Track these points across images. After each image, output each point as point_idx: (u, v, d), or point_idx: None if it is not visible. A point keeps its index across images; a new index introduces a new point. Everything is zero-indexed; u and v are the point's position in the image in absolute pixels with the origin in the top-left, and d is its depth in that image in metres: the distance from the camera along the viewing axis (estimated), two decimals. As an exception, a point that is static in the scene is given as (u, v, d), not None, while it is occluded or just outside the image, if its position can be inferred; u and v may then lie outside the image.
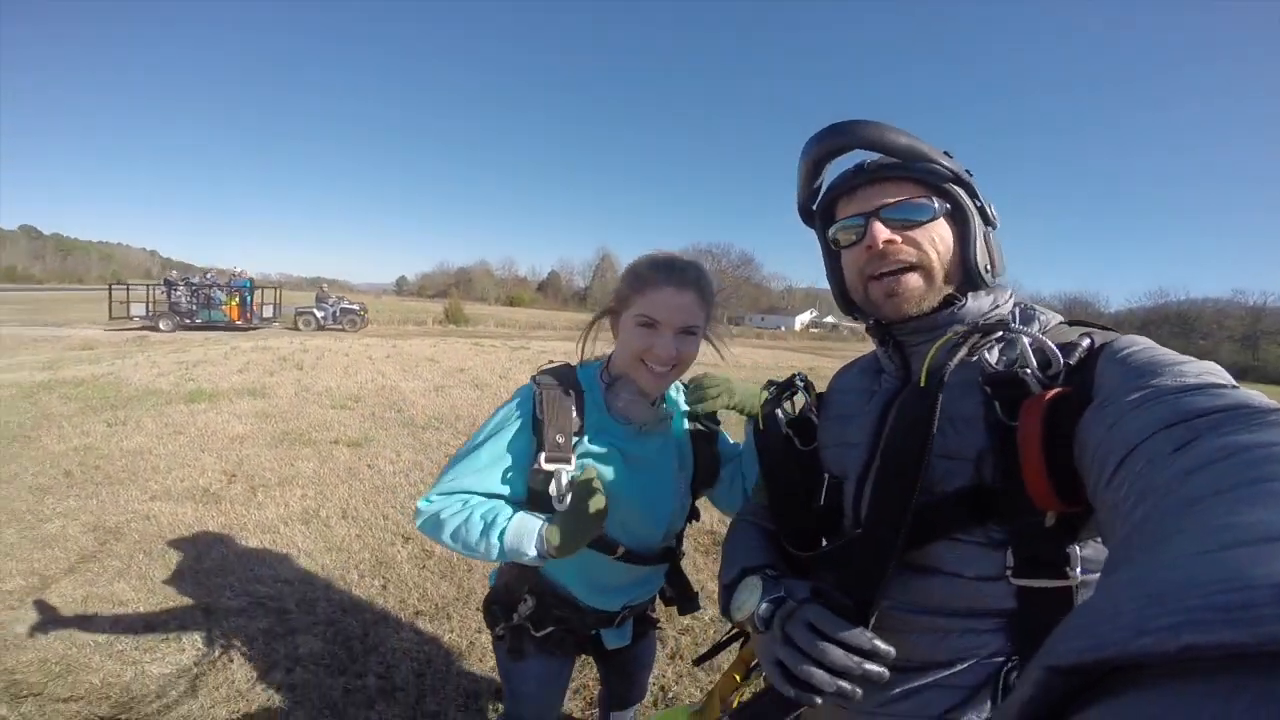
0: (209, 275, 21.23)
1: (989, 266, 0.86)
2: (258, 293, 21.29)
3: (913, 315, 0.86)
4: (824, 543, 0.91)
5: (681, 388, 1.36)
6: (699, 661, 1.29)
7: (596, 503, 1.09)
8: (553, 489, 1.12)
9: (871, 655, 0.69)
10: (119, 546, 3.39)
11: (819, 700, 0.71)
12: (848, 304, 0.97)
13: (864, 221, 0.85)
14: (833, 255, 0.96)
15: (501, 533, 1.09)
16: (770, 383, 1.12)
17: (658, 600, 1.44)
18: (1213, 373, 0.60)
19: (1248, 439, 0.42)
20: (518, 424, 1.17)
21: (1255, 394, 0.53)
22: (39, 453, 4.93)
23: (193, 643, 2.55)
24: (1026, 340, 0.72)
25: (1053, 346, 0.70)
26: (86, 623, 2.66)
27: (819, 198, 0.94)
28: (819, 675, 0.69)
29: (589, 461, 1.17)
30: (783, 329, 75.23)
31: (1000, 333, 0.76)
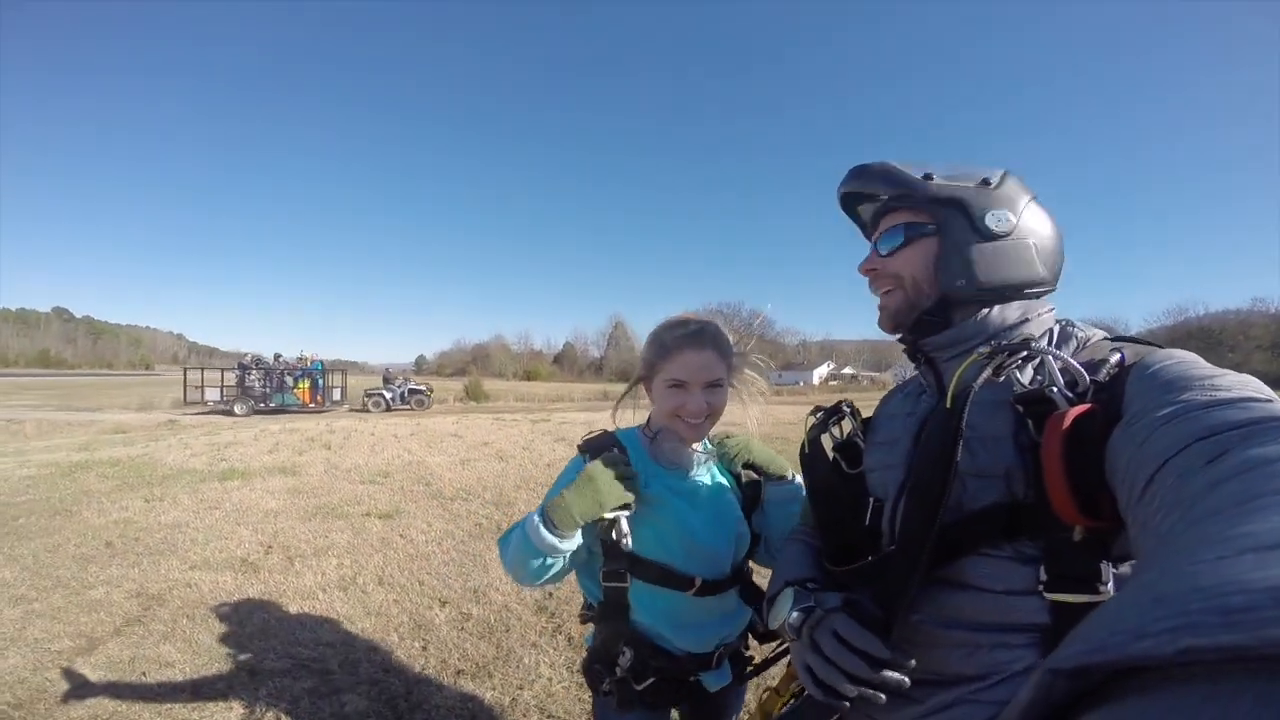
0: (281, 359, 21.80)
1: (965, 281, 0.88)
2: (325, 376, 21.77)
3: (888, 330, 0.98)
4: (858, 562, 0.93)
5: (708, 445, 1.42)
6: (746, 677, 1.30)
7: (598, 474, 1.15)
8: (614, 534, 1.20)
9: (890, 664, 0.73)
10: (163, 612, 3.41)
11: (846, 704, 0.77)
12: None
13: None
14: None
15: (523, 526, 1.17)
16: (817, 408, 1.15)
17: (749, 639, 1.42)
18: (1248, 386, 0.60)
19: (1276, 450, 0.42)
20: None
21: None
22: (80, 525, 5.02)
23: (240, 702, 2.54)
24: (1052, 360, 0.74)
25: (1077, 365, 0.73)
26: (135, 682, 2.67)
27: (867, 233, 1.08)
28: (842, 683, 0.75)
29: (649, 505, 1.24)
30: (801, 384, 74.01)
31: (1025, 352, 0.78)
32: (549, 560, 1.16)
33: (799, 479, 1.28)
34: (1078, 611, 0.68)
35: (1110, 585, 0.67)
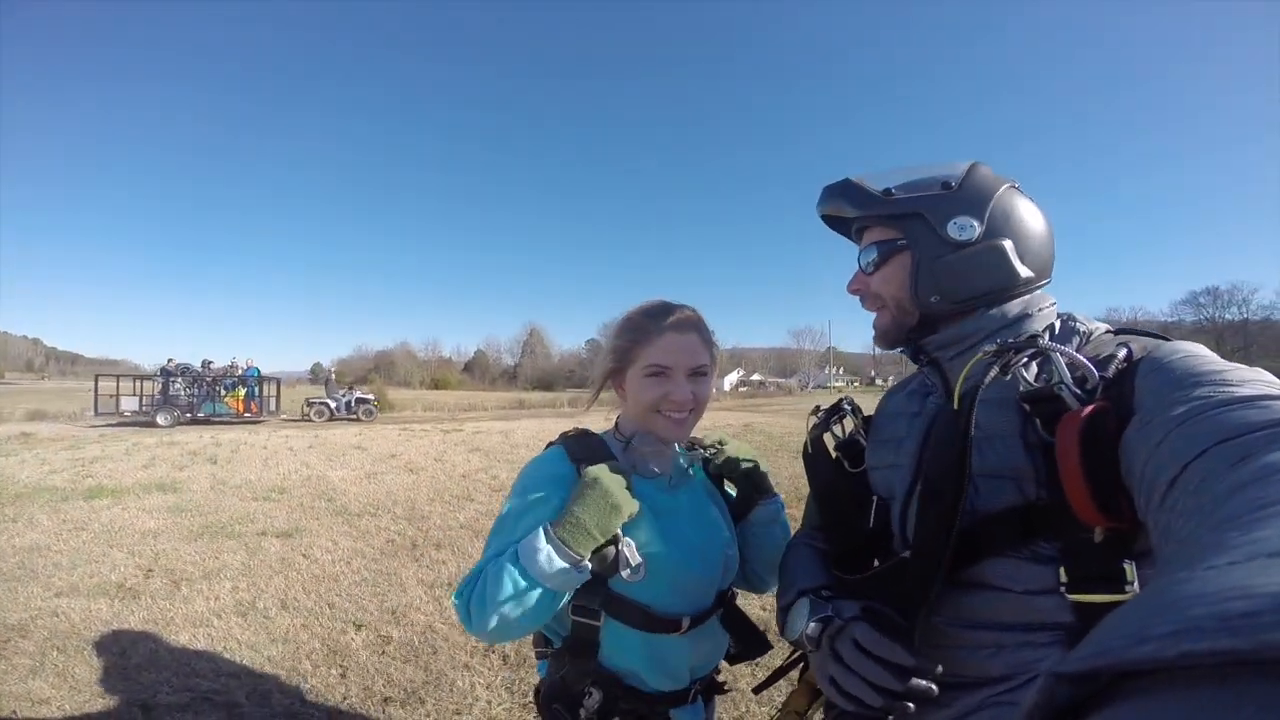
0: (210, 365, 19.24)
1: (939, 296, 0.88)
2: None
3: (885, 348, 0.99)
4: (875, 564, 0.91)
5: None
6: (759, 689, 1.21)
7: (613, 481, 0.99)
8: (616, 559, 1.02)
9: (916, 672, 0.72)
10: (26, 644, 2.99)
11: (876, 716, 0.75)
12: None
13: None
14: None
15: (515, 557, 0.96)
16: (817, 407, 1.12)
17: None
18: (1260, 380, 0.59)
19: None
20: (559, 496, 1.05)
21: None
22: (-87, 552, 4.32)
23: (131, 742, 2.25)
24: (1060, 356, 0.72)
25: (1086, 362, 0.71)
26: (-1, 725, 2.30)
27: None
28: (868, 693, 0.73)
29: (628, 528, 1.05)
30: (713, 390, 76.05)
31: (1033, 348, 0.75)
32: (559, 595, 0.97)
33: (780, 497, 1.26)
34: (1102, 611, 0.65)
35: (1136, 585, 0.65)
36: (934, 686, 0.72)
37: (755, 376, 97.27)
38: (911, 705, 0.73)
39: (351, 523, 5.83)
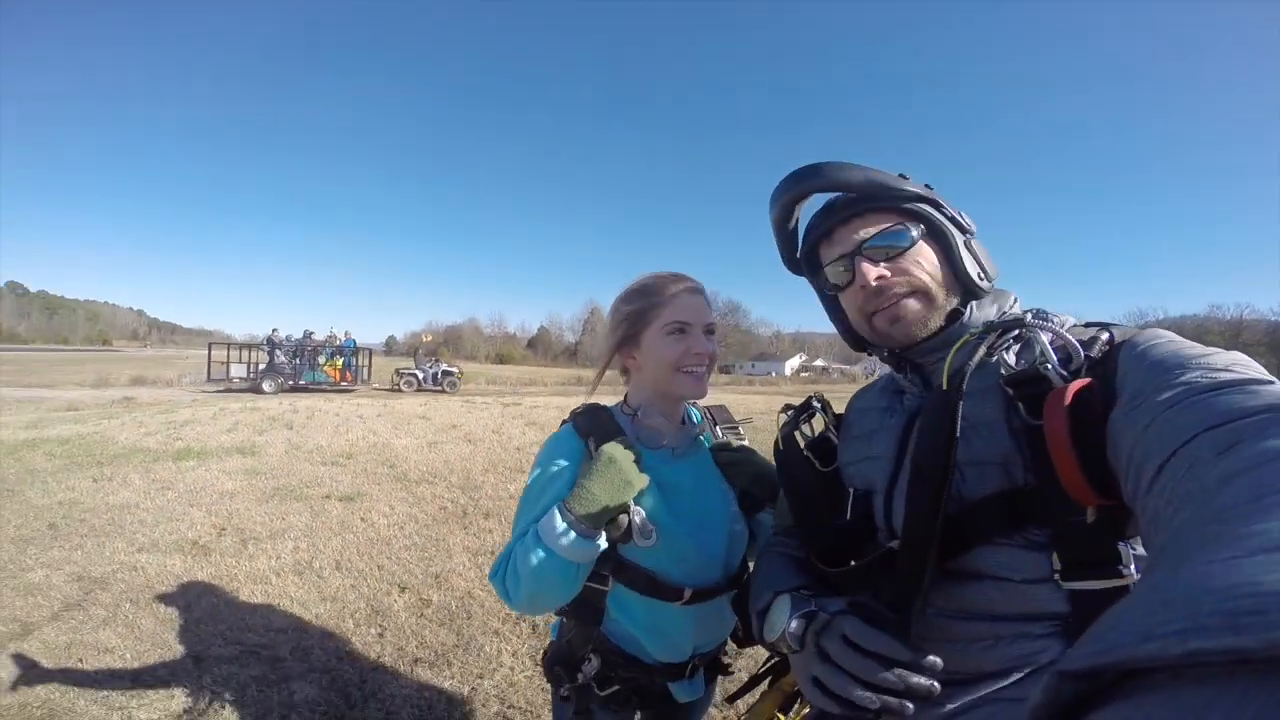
0: (311, 336, 21.04)
1: (981, 274, 0.86)
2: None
3: (921, 337, 0.87)
4: (853, 563, 0.87)
5: (700, 413, 1.36)
6: (732, 698, 1.22)
7: (622, 457, 1.03)
8: (629, 530, 1.06)
9: (914, 668, 0.65)
10: (104, 596, 3.27)
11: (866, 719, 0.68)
12: (857, 341, 0.97)
13: (851, 263, 0.87)
14: (829, 299, 0.98)
15: (536, 536, 1.02)
16: (787, 406, 1.10)
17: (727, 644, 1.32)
18: (1243, 364, 0.59)
19: None
20: (570, 471, 1.11)
21: None
22: (22, 506, 4.80)
23: (183, 690, 2.44)
24: (1045, 336, 0.72)
25: (1073, 340, 0.71)
26: (71, 669, 2.55)
27: (800, 246, 0.97)
28: (859, 692, 0.66)
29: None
30: (774, 374, 74.64)
31: (1017, 330, 0.76)
32: (582, 568, 1.03)
33: None
34: (1098, 598, 0.66)
35: (1133, 568, 0.64)
36: (936, 684, 0.65)
37: (819, 362, 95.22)
38: (910, 706, 0.65)
39: (409, 489, 6.09)
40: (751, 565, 1.22)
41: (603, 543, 1.03)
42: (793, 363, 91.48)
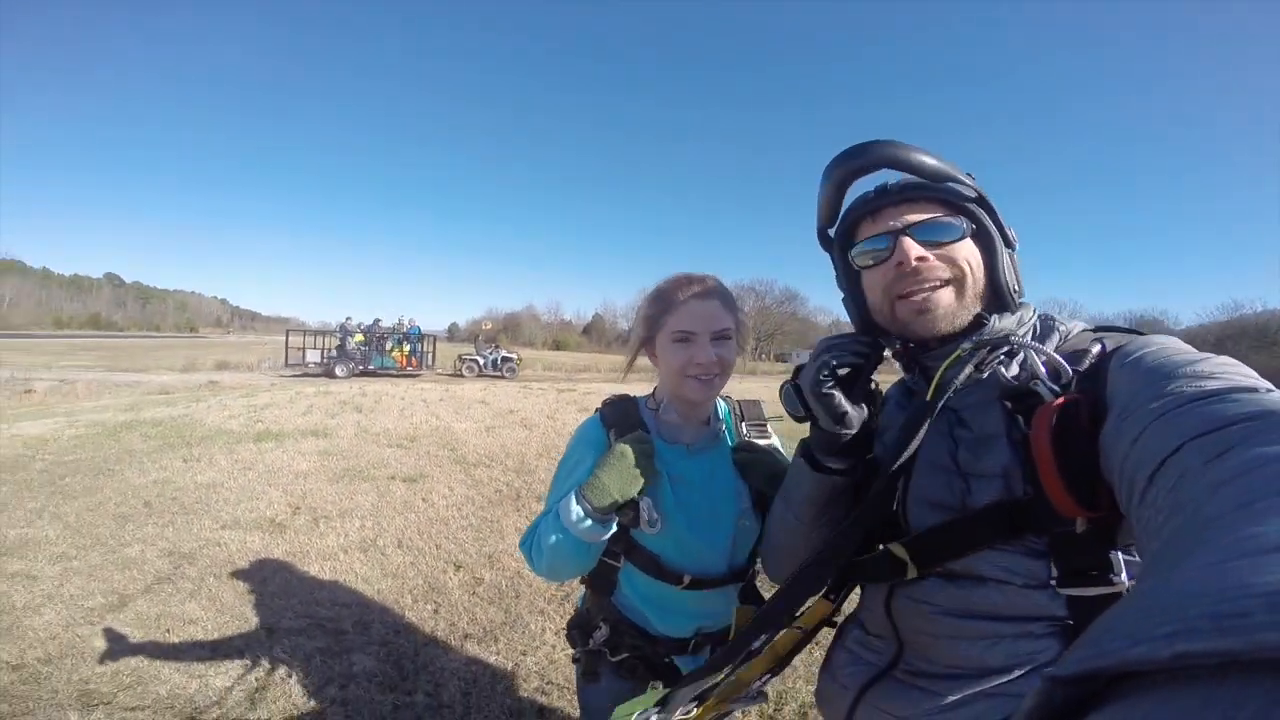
0: (378, 322, 22.40)
1: (1016, 288, 0.85)
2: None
3: (943, 333, 0.83)
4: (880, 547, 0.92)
5: (730, 408, 1.38)
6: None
7: (633, 453, 1.11)
8: (639, 516, 1.15)
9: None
10: (191, 570, 3.58)
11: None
12: (868, 326, 0.93)
13: (890, 241, 0.83)
14: (852, 278, 0.93)
15: (556, 515, 1.13)
16: None
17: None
18: (1231, 370, 0.59)
19: (1278, 450, 0.41)
20: (591, 458, 1.20)
21: None
22: (121, 484, 5.26)
23: (255, 658, 2.66)
24: (1034, 353, 0.74)
25: (1058, 357, 0.72)
26: (158, 639, 2.82)
27: (839, 221, 0.92)
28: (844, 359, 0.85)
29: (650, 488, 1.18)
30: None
31: (1007, 347, 0.78)
32: (593, 546, 1.14)
33: None
34: (1094, 603, 0.69)
35: (1125, 575, 0.67)
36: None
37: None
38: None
39: (468, 471, 6.34)
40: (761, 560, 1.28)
41: (612, 527, 1.13)
42: None
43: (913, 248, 0.81)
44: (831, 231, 0.93)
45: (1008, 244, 0.86)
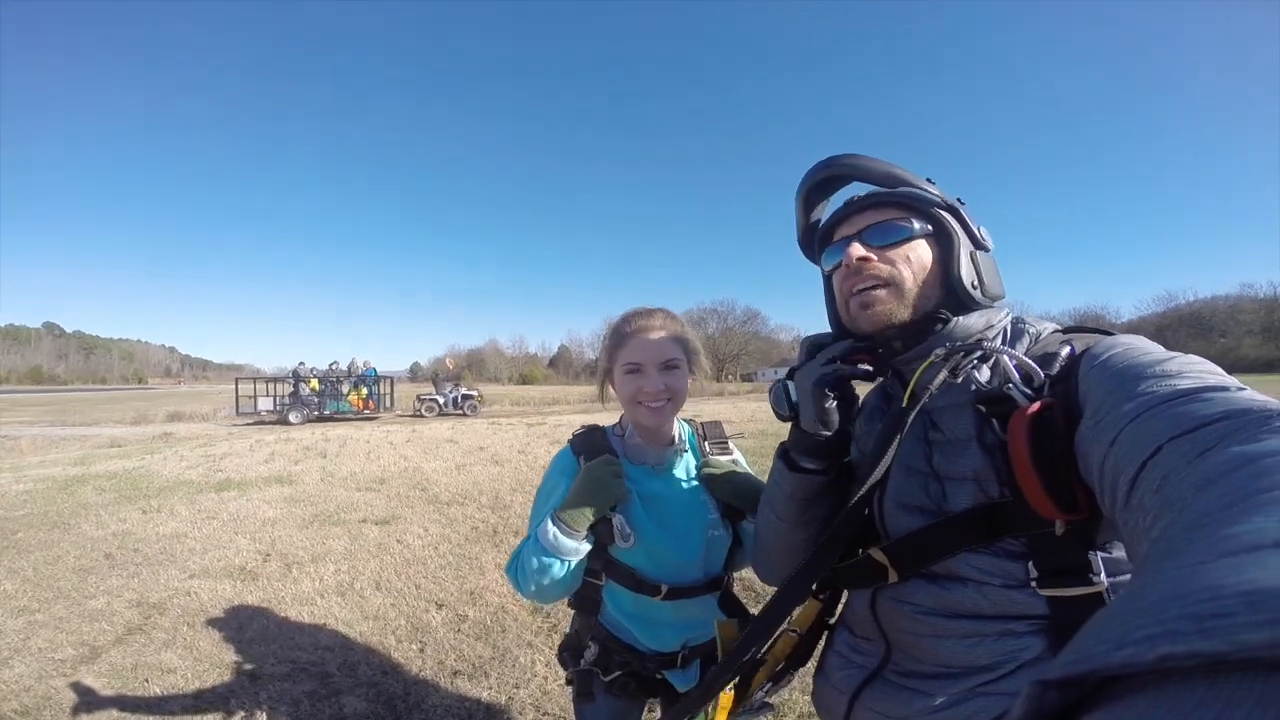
0: (334, 366, 21.84)
1: (976, 284, 0.86)
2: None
3: (882, 327, 0.88)
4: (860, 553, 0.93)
5: (694, 430, 1.46)
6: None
7: (600, 474, 1.20)
8: (614, 533, 1.23)
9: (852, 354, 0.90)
10: (163, 620, 3.47)
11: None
12: (840, 328, 0.97)
13: (846, 245, 0.90)
14: (827, 282, 0.99)
15: (535, 538, 1.19)
16: None
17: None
18: (1198, 368, 0.61)
19: (1257, 448, 0.41)
20: (565, 483, 1.28)
21: (1254, 395, 0.53)
22: (79, 538, 5.06)
23: (241, 705, 2.60)
24: (1006, 357, 0.75)
25: (1029, 361, 0.74)
26: (137, 689, 2.73)
27: (819, 230, 0.99)
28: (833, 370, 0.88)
29: (621, 507, 1.26)
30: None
31: (980, 351, 0.79)
32: (572, 564, 1.20)
33: None
34: (1075, 602, 0.70)
35: (1103, 575, 0.68)
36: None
37: None
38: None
39: (441, 510, 6.26)
40: (739, 568, 1.38)
41: (587, 544, 1.20)
42: None
43: (856, 249, 0.87)
44: (815, 239, 1.00)
45: (978, 245, 0.88)
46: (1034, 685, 0.24)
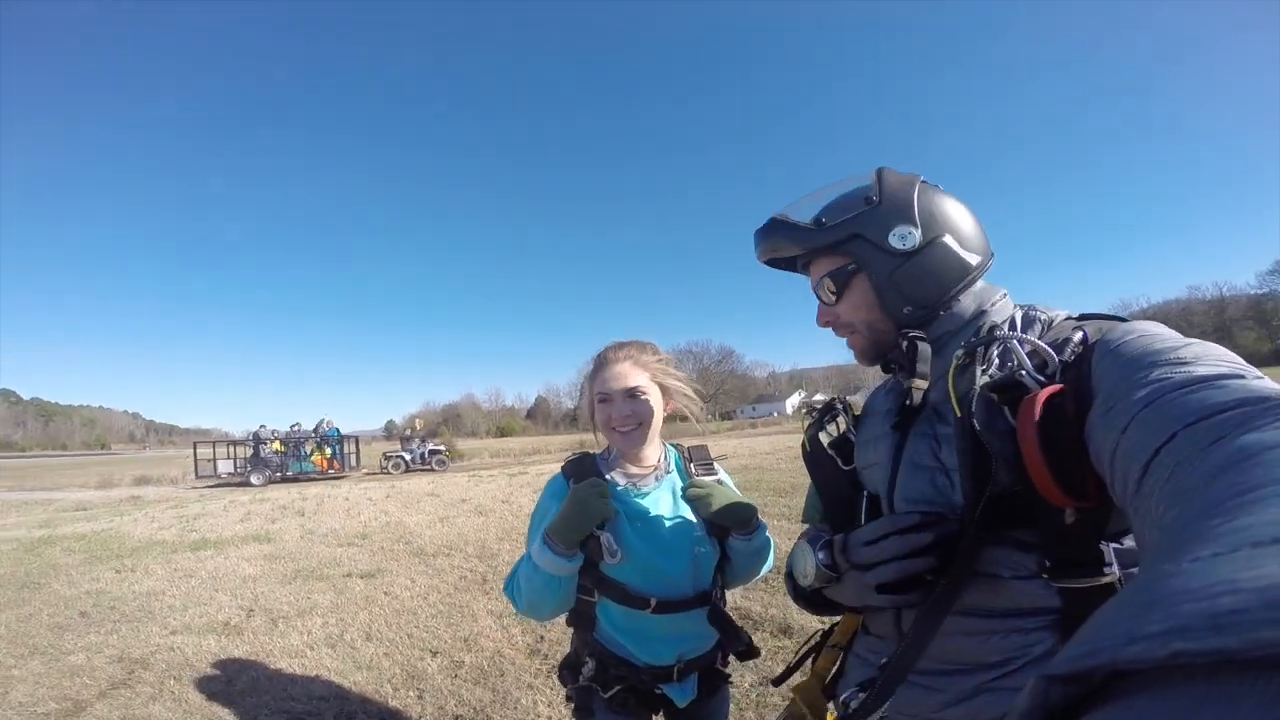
0: (295, 427, 21.44)
1: (909, 308, 0.88)
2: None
3: (875, 359, 0.94)
4: None
5: (680, 453, 1.52)
6: (777, 682, 1.24)
7: (586, 495, 1.25)
8: (603, 550, 1.28)
9: (930, 521, 0.77)
10: (148, 675, 3.36)
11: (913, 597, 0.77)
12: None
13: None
14: None
15: (529, 557, 1.27)
16: (810, 408, 1.16)
17: (730, 656, 1.46)
18: (1214, 355, 0.60)
19: (1274, 435, 0.40)
20: (556, 506, 1.33)
21: (1270, 383, 0.52)
22: (51, 596, 4.89)
23: (237, 754, 2.52)
24: (1017, 343, 0.74)
25: (1045, 346, 0.72)
26: (127, 743, 2.62)
27: None
28: (910, 564, 0.76)
29: (610, 525, 1.32)
30: (775, 414, 75.21)
31: (997, 341, 0.77)
32: (563, 580, 1.25)
33: (765, 528, 1.37)
34: (1087, 594, 0.68)
35: (1115, 566, 0.67)
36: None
37: (819, 396, 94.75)
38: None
39: (427, 562, 6.14)
40: (724, 582, 1.42)
41: (577, 561, 1.25)
42: (793, 401, 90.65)
43: (819, 314, 0.96)
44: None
45: (904, 257, 0.87)
46: (1039, 680, 0.24)
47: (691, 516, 1.37)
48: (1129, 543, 0.68)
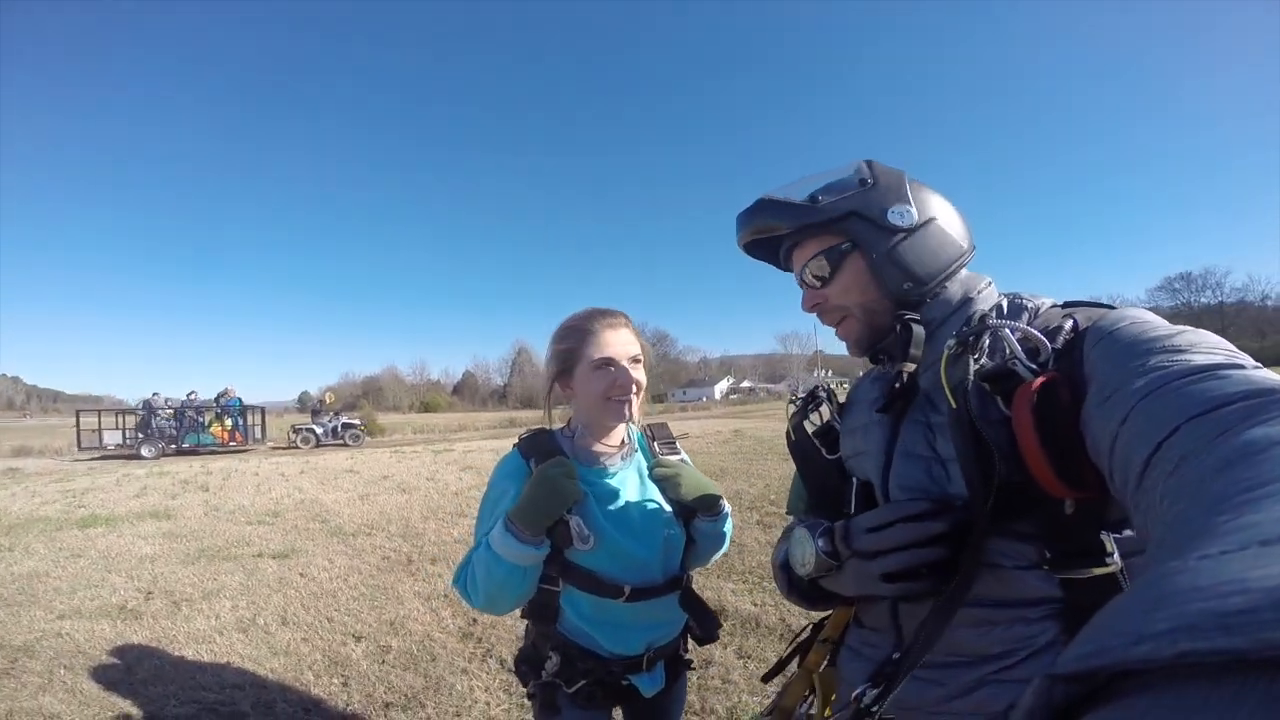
0: (192, 396, 19.46)
1: (910, 284, 0.86)
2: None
3: (869, 348, 0.91)
4: None
5: (642, 431, 1.46)
6: (767, 678, 1.22)
7: (554, 475, 1.16)
8: (571, 536, 1.20)
9: (941, 508, 0.75)
10: (33, 663, 3.07)
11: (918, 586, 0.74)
12: None
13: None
14: None
15: (488, 545, 1.16)
16: (794, 396, 1.14)
17: (689, 641, 1.43)
18: (1209, 344, 0.59)
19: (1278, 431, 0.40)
20: (514, 488, 1.24)
21: (1271, 374, 0.51)
22: (-89, 581, 4.36)
23: (142, 750, 2.33)
24: (1009, 330, 0.72)
25: (1037, 334, 0.71)
26: (11, 740, 2.38)
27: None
28: (918, 554, 0.74)
29: (576, 508, 1.23)
30: (704, 399, 76.67)
31: (988, 330, 0.75)
32: (528, 570, 1.16)
33: (727, 509, 1.33)
34: (1089, 584, 0.68)
35: (1117, 555, 0.66)
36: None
37: (745, 383, 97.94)
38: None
39: (347, 542, 5.89)
40: (690, 567, 1.38)
41: (544, 548, 1.16)
42: (721, 386, 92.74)
43: (805, 300, 0.92)
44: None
45: (902, 235, 0.86)
46: (1043, 679, 0.24)
47: (659, 498, 1.32)
48: (1129, 531, 0.68)
